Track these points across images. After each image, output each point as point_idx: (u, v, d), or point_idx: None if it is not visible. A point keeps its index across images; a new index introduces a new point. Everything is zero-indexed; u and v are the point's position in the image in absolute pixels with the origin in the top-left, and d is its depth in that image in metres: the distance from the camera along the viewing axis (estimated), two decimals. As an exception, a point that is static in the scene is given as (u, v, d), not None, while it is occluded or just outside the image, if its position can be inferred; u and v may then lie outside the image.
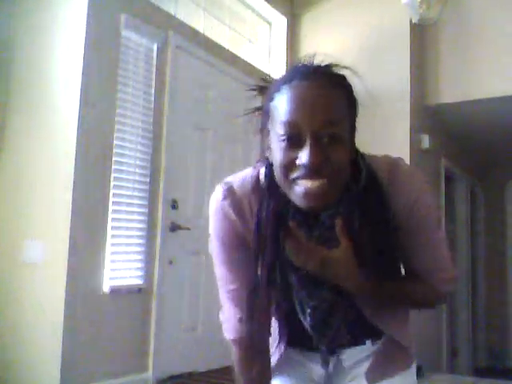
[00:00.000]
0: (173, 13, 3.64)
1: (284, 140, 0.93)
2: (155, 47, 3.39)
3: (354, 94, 0.98)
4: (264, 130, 1.02)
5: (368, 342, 1.17)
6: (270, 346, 1.19)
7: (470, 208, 6.29)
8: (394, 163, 1.03)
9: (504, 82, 4.30)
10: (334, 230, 0.97)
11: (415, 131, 4.43)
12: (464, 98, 4.52)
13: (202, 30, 3.89)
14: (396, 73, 4.34)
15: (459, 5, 4.37)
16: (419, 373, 3.97)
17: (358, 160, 1.01)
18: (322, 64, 0.98)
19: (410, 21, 3.94)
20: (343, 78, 0.98)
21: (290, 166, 0.93)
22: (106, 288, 2.96)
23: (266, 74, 4.39)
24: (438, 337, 5.02)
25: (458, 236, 5.95)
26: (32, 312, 2.84)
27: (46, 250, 2.85)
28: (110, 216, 3.03)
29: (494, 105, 4.60)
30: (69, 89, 2.92)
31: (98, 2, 3.00)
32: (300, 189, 0.92)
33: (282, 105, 0.94)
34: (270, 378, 1.16)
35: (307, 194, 0.92)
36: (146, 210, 3.26)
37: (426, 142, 4.60)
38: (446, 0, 3.55)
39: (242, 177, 1.10)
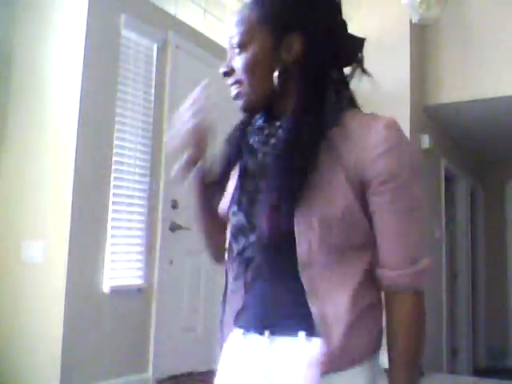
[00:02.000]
0: (173, 13, 3.64)
1: None
2: (155, 47, 3.39)
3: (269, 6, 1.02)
4: None
5: (301, 335, 0.96)
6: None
7: (469, 208, 6.29)
8: (379, 116, 1.00)
9: (504, 82, 4.30)
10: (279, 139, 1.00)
11: (415, 131, 4.43)
12: (464, 98, 4.52)
13: (201, 30, 3.89)
14: (396, 73, 4.34)
15: (459, 5, 4.37)
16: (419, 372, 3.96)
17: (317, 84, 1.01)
18: None
19: (410, 21, 3.94)
20: None
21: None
22: (105, 288, 2.96)
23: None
24: (438, 337, 5.02)
25: (457, 236, 5.95)
26: (32, 312, 2.84)
27: (47, 250, 2.85)
28: (110, 216, 3.03)
29: (493, 105, 4.60)
30: (69, 89, 2.93)
31: (98, 2, 3.00)
32: None
33: None
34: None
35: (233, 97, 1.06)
36: (145, 210, 3.27)
37: (426, 141, 4.61)
38: (446, 0, 3.55)
39: None
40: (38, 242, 2.89)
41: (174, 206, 3.46)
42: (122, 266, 3.12)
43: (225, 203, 1.09)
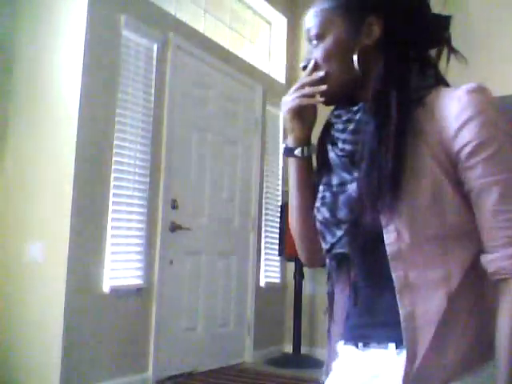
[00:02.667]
0: (173, 13, 3.64)
1: None
2: (155, 47, 3.39)
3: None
4: None
5: (391, 347, 0.89)
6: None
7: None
8: (463, 85, 0.91)
9: (504, 82, 4.30)
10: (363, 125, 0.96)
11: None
12: (464, 98, 4.51)
13: (202, 30, 3.89)
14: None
15: (459, 5, 4.38)
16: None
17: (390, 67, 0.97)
18: None
19: (410, 21, 3.94)
20: None
21: None
22: (106, 288, 2.97)
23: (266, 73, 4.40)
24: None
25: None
26: (33, 312, 2.84)
27: (47, 251, 2.85)
28: (110, 216, 3.03)
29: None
30: (69, 89, 2.93)
31: (98, 3, 3.00)
32: None
33: None
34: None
35: None
36: (145, 210, 3.27)
37: (425, 142, 4.61)
38: (446, 0, 3.55)
39: None
40: (38, 242, 2.89)
41: (174, 206, 3.46)
42: (121, 265, 3.12)
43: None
